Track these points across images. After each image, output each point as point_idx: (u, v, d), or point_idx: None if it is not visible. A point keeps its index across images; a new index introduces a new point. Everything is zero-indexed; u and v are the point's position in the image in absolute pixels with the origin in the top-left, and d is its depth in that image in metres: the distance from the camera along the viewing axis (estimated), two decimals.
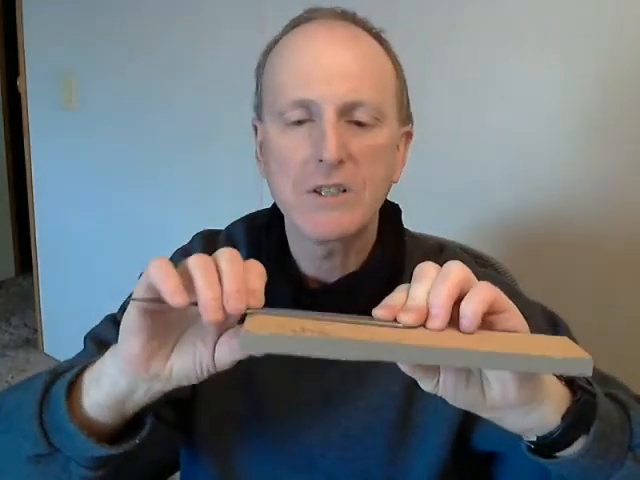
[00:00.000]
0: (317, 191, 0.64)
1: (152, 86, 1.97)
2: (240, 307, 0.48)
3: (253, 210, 0.83)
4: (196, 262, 0.50)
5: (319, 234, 0.66)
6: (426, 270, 0.51)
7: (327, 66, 0.64)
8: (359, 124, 0.65)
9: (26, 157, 2.47)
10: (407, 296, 0.50)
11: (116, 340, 0.75)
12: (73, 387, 0.57)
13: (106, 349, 0.69)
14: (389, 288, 0.68)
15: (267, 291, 0.69)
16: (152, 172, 2.05)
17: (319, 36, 0.66)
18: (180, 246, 0.84)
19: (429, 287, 0.49)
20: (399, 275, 0.71)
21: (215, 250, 0.73)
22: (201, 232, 0.83)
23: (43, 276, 2.56)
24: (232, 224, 0.81)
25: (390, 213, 0.76)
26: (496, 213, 1.35)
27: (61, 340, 2.54)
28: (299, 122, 0.65)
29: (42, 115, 2.38)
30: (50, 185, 2.42)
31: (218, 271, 0.49)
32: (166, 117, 1.95)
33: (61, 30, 2.21)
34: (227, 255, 0.51)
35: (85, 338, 0.82)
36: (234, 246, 0.71)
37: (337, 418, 0.71)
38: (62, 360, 0.86)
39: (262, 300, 0.50)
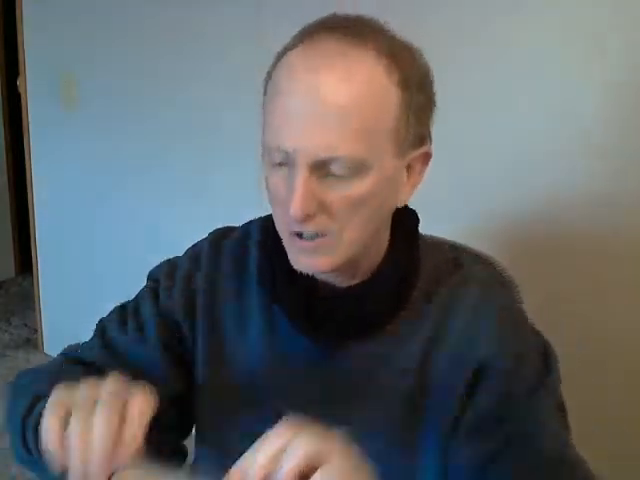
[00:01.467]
0: (298, 233, 0.65)
1: (152, 86, 1.97)
2: (102, 476, 0.51)
3: (254, 208, 0.83)
4: (75, 419, 0.52)
5: (302, 270, 0.67)
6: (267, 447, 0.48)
7: (305, 116, 0.61)
8: (336, 175, 0.62)
9: (26, 157, 2.47)
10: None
11: (119, 336, 0.79)
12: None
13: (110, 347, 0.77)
14: (399, 295, 0.69)
15: (280, 296, 0.71)
16: (152, 171, 2.05)
17: (303, 79, 0.62)
18: (193, 244, 0.84)
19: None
20: (411, 282, 0.71)
21: (220, 256, 0.75)
22: (214, 232, 0.83)
23: (43, 276, 2.56)
24: (250, 221, 0.82)
25: (404, 219, 0.74)
26: (496, 213, 1.35)
27: (61, 340, 2.52)
28: (281, 164, 0.64)
29: (42, 115, 2.38)
30: (50, 185, 2.42)
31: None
32: (166, 117, 1.95)
33: (61, 30, 2.21)
34: (105, 399, 0.53)
35: (96, 326, 0.84)
36: (245, 244, 0.74)
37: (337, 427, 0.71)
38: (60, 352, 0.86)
39: (136, 449, 0.52)
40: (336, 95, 0.61)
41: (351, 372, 0.72)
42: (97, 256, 2.30)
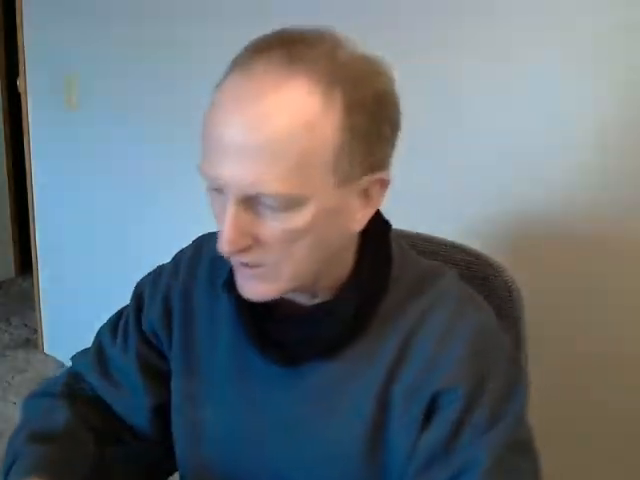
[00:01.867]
0: None
1: (152, 86, 1.97)
2: None
3: None
4: None
5: (246, 296, 0.66)
6: None
7: (231, 151, 0.57)
8: (271, 208, 0.59)
9: (26, 157, 2.47)
10: None
11: (108, 346, 0.84)
12: None
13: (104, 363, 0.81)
14: (361, 317, 0.67)
15: (238, 312, 0.69)
16: (152, 172, 2.05)
17: (231, 110, 0.58)
18: (180, 249, 0.84)
19: None
20: (375, 303, 0.68)
21: (198, 262, 0.75)
22: (199, 237, 0.83)
23: (43, 276, 2.56)
24: None
25: (372, 236, 0.70)
26: (497, 213, 1.35)
27: (61, 340, 2.54)
28: (217, 189, 0.62)
29: (42, 115, 2.37)
30: (50, 185, 2.42)
31: None
32: (166, 117, 1.95)
33: (61, 30, 2.21)
34: None
35: (97, 331, 0.87)
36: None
37: (302, 446, 0.71)
38: (62, 360, 0.87)
39: None
40: (262, 130, 0.56)
41: (311, 392, 0.70)
42: (97, 256, 2.30)
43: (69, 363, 0.88)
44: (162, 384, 0.80)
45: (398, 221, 0.99)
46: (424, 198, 1.45)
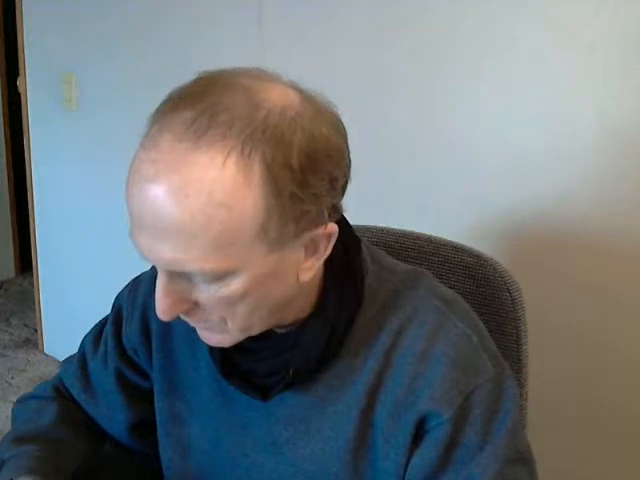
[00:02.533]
0: None
1: (152, 86, 1.97)
2: None
3: None
4: None
5: (206, 343, 0.65)
6: None
7: (148, 230, 0.54)
8: (201, 278, 0.56)
9: (26, 157, 2.47)
10: None
11: (90, 359, 0.84)
12: None
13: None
14: (330, 344, 0.65)
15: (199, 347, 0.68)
16: None
17: (143, 189, 0.53)
18: None
19: None
20: (347, 326, 0.66)
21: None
22: None
23: (43, 276, 2.56)
24: None
25: (339, 259, 0.66)
26: (497, 213, 1.35)
27: (61, 340, 2.54)
28: None
29: (42, 115, 2.37)
30: (50, 185, 2.42)
31: None
32: None
33: (61, 30, 2.21)
34: None
35: (82, 340, 0.85)
36: None
37: (283, 465, 0.70)
38: (62, 360, 0.87)
39: None
40: (174, 214, 0.52)
41: (290, 416, 0.69)
42: (97, 256, 2.29)
43: None
44: (142, 401, 0.79)
45: (399, 222, 0.99)
46: (424, 199, 1.45)
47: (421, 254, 0.90)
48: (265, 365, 0.67)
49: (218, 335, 0.62)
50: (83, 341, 0.85)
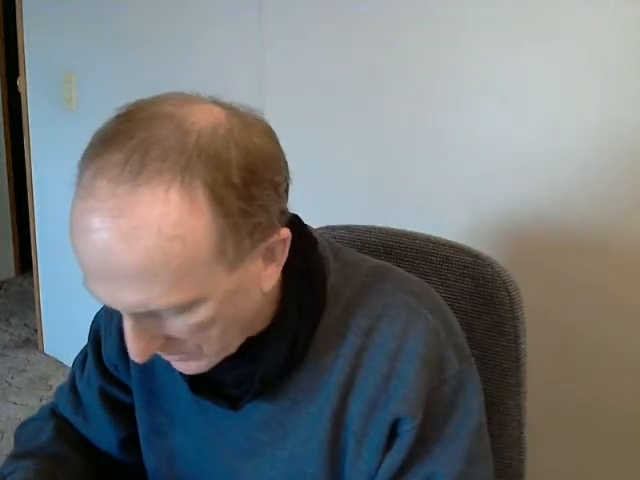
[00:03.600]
0: None
1: (153, 86, 1.97)
2: None
3: None
4: None
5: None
6: None
7: (101, 278, 0.53)
8: (167, 312, 0.55)
9: (26, 157, 2.47)
10: None
11: (78, 381, 0.84)
12: None
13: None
14: (299, 347, 0.64)
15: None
16: None
17: (89, 238, 0.51)
18: None
19: None
20: (312, 328, 0.65)
21: None
22: None
23: (43, 276, 2.56)
24: None
25: (296, 263, 0.64)
26: (496, 213, 1.35)
27: (61, 340, 2.54)
28: None
29: (42, 115, 2.38)
30: (50, 185, 2.42)
31: None
32: None
33: (61, 30, 2.21)
34: None
35: (73, 361, 0.87)
36: None
37: (264, 468, 0.70)
38: (62, 360, 0.88)
39: None
40: (123, 261, 0.50)
41: (264, 422, 0.68)
42: None
43: (69, 363, 0.89)
44: (128, 416, 0.80)
45: (398, 221, 1.00)
46: (423, 199, 1.45)
47: (420, 254, 0.91)
48: (233, 375, 0.66)
49: (195, 362, 0.62)
50: (73, 364, 0.86)
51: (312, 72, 1.59)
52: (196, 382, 0.68)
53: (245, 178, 0.54)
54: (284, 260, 0.61)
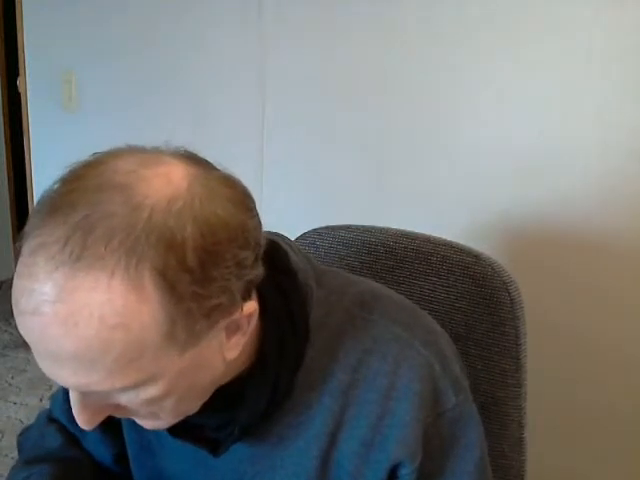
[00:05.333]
0: None
1: (152, 86, 1.97)
2: None
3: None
4: None
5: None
6: None
7: (44, 359, 0.50)
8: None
9: (26, 157, 2.47)
10: None
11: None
12: None
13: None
14: (282, 388, 0.61)
15: None
16: None
17: (28, 322, 0.48)
18: None
19: None
20: (296, 367, 0.62)
21: None
22: None
23: None
24: None
25: (273, 302, 0.60)
26: (496, 213, 1.35)
27: None
28: None
29: (42, 115, 2.37)
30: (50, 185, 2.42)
31: None
32: (166, 117, 1.95)
33: (61, 30, 2.21)
34: None
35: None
36: None
37: None
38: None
39: None
40: (67, 344, 0.47)
41: (252, 456, 0.66)
42: None
43: None
44: (120, 433, 0.78)
45: (397, 221, 0.99)
46: (423, 199, 1.45)
47: (420, 254, 0.91)
48: (212, 421, 0.63)
49: (153, 422, 0.59)
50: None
51: (312, 72, 1.59)
52: (174, 425, 0.64)
53: (202, 260, 0.48)
54: (251, 329, 0.57)
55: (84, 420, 0.54)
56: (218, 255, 0.49)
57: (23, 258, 0.50)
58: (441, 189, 1.42)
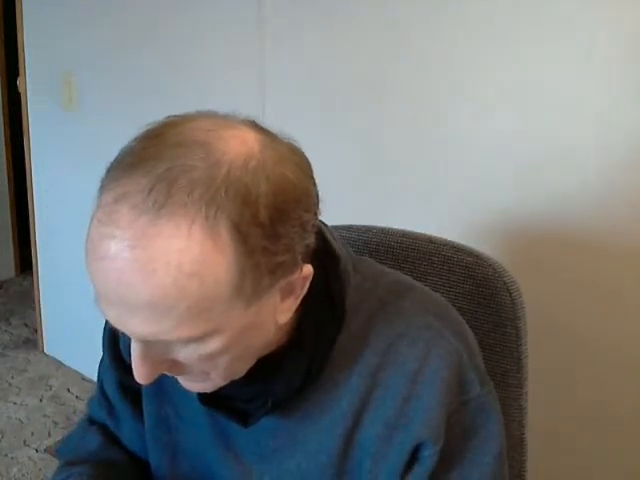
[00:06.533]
0: None
1: (153, 86, 1.97)
2: None
3: None
4: None
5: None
6: None
7: (114, 304, 0.52)
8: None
9: (26, 157, 2.47)
10: None
11: (105, 384, 0.82)
12: None
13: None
14: (316, 366, 0.62)
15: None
16: None
17: (103, 267, 0.50)
18: None
19: None
20: (329, 348, 0.63)
21: None
22: None
23: (43, 276, 2.56)
24: None
25: (315, 282, 0.61)
26: (496, 213, 1.35)
27: (61, 340, 2.54)
28: None
29: (42, 115, 2.37)
30: (50, 185, 2.42)
31: None
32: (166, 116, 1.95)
33: (61, 30, 2.21)
34: None
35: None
36: None
37: (270, 476, 0.69)
38: (62, 360, 0.88)
39: None
40: (140, 292, 0.49)
41: (275, 431, 0.67)
42: None
43: (69, 363, 0.89)
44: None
45: (400, 221, 0.99)
46: (425, 199, 1.45)
47: (421, 254, 0.90)
48: (245, 392, 0.65)
49: (200, 384, 0.61)
50: (98, 372, 0.84)
51: (312, 72, 1.59)
52: (205, 395, 0.66)
53: (273, 217, 0.51)
54: (303, 293, 0.59)
55: (142, 373, 0.55)
56: (286, 214, 0.52)
57: (104, 204, 0.52)
58: (441, 189, 1.42)
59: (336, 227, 0.97)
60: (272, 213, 0.51)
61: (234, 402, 0.66)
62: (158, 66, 1.94)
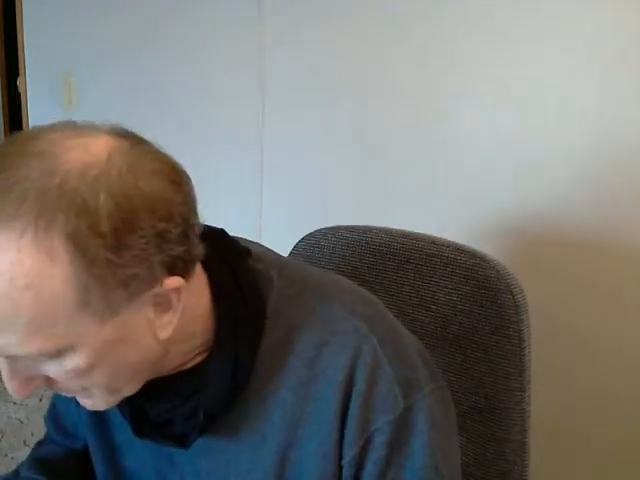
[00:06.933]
0: None
1: (152, 86, 1.97)
2: None
3: (253, 208, 0.82)
4: None
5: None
6: None
7: None
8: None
9: None
10: None
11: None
12: None
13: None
14: (237, 377, 0.60)
15: None
16: None
17: None
18: None
19: None
20: (252, 356, 0.61)
21: None
22: None
23: None
24: None
25: (227, 286, 0.61)
26: (496, 213, 1.34)
27: None
28: None
29: (42, 115, 2.37)
30: None
31: None
32: (166, 117, 1.94)
33: (61, 30, 2.21)
34: None
35: None
36: None
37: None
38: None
39: None
40: None
41: (207, 453, 0.65)
42: None
43: None
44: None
45: (400, 221, 0.99)
46: (427, 200, 1.44)
47: (422, 255, 0.90)
48: (178, 413, 0.63)
49: (89, 400, 0.59)
50: None
51: (312, 70, 1.58)
52: (140, 426, 0.64)
53: (117, 227, 0.49)
54: (181, 307, 0.56)
55: (13, 387, 0.54)
56: (135, 224, 0.50)
57: None
58: (441, 189, 1.42)
59: (339, 228, 0.97)
60: (116, 224, 0.49)
61: (169, 428, 0.64)
62: (158, 66, 1.94)
